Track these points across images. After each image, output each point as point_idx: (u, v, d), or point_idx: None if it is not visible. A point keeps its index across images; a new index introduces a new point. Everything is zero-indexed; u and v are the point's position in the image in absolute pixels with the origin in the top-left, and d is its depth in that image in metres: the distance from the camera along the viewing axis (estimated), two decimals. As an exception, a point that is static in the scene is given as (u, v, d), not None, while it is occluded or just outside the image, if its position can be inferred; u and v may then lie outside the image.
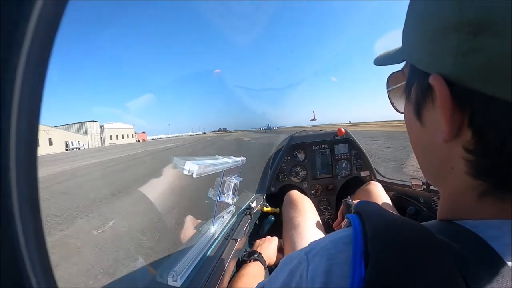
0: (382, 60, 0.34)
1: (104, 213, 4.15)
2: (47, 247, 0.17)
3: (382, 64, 0.34)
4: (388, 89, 0.35)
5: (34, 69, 0.15)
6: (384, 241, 0.21)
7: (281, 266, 0.29)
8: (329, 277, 0.22)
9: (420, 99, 0.25)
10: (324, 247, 0.25)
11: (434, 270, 0.18)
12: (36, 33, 0.15)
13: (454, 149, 0.22)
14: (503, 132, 0.18)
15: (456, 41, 0.19)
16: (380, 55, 0.36)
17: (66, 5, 0.17)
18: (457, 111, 0.20)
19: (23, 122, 0.15)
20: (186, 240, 0.77)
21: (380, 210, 0.25)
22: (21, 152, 0.15)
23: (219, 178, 0.90)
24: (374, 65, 0.36)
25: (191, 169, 0.56)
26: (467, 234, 0.21)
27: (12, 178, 0.15)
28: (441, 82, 0.20)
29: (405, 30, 0.26)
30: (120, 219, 3.75)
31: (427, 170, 0.28)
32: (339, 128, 1.39)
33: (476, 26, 0.18)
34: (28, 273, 0.16)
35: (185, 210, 3.01)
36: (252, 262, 0.82)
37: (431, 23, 0.21)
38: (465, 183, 0.22)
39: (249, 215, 1.08)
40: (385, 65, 0.33)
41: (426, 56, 0.23)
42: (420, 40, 0.23)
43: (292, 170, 1.39)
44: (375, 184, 1.24)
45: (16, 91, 0.14)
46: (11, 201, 0.15)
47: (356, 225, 0.23)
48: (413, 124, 0.27)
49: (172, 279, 0.55)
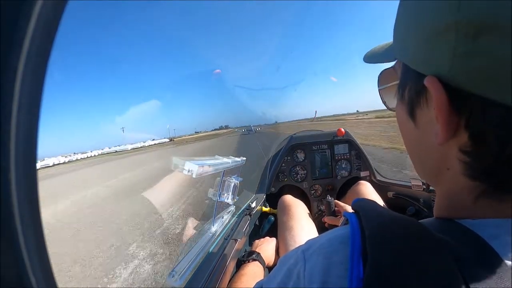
0: (372, 58, 0.33)
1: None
2: (46, 247, 0.17)
3: (372, 62, 0.33)
4: (380, 88, 0.34)
5: (33, 69, 0.15)
6: (382, 239, 0.21)
7: (279, 265, 0.29)
8: (327, 276, 0.22)
9: (414, 100, 0.24)
10: (321, 245, 0.24)
11: (434, 268, 0.18)
12: (36, 33, 0.15)
13: (450, 150, 0.22)
14: (500, 134, 0.18)
15: (454, 42, 0.18)
16: (369, 51, 0.34)
17: (66, 5, 0.17)
18: (453, 113, 0.20)
19: (23, 122, 0.15)
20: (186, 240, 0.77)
21: (378, 207, 0.25)
22: (21, 152, 0.15)
23: (219, 178, 0.90)
24: (364, 62, 0.35)
25: (190, 169, 0.56)
26: (466, 233, 0.21)
27: (12, 178, 0.15)
28: (437, 85, 0.20)
29: (397, 26, 0.25)
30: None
31: (422, 170, 0.28)
32: (339, 128, 1.39)
33: (476, 27, 0.17)
34: (28, 273, 0.16)
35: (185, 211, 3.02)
36: (251, 262, 0.82)
37: (426, 21, 0.20)
38: (462, 184, 0.22)
39: (249, 215, 1.08)
40: (376, 63, 0.32)
41: (420, 56, 0.22)
42: (413, 38, 0.22)
43: (292, 170, 1.39)
44: (365, 184, 1.25)
45: (16, 91, 0.15)
46: (11, 201, 0.15)
47: (354, 223, 0.23)
48: (406, 124, 0.26)
49: (172, 279, 0.55)
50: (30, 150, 0.16)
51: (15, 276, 0.15)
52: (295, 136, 1.46)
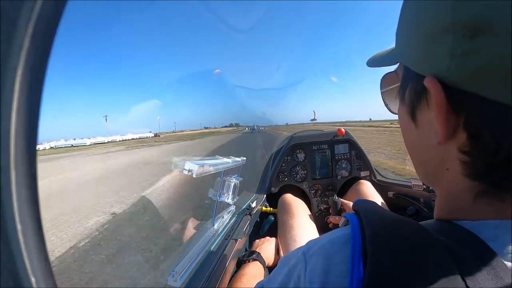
0: (375, 62, 0.34)
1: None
2: (46, 247, 0.17)
3: (375, 65, 0.34)
4: (382, 90, 0.34)
5: (33, 69, 0.15)
6: (382, 240, 0.21)
7: (280, 266, 0.29)
8: (327, 277, 0.22)
9: (414, 101, 0.24)
10: (322, 246, 0.25)
11: (433, 269, 0.18)
12: (36, 33, 0.15)
13: (449, 150, 0.22)
14: (499, 133, 0.18)
15: (451, 42, 0.19)
16: (373, 56, 0.35)
17: (65, 5, 0.17)
18: (452, 113, 0.20)
19: (23, 122, 0.15)
20: (186, 240, 0.78)
21: (378, 208, 0.25)
22: (20, 152, 0.15)
23: (219, 178, 0.90)
24: (368, 67, 0.36)
25: (190, 169, 0.57)
26: (465, 234, 0.21)
27: (12, 178, 0.15)
28: (436, 85, 0.20)
29: (399, 30, 0.26)
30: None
31: (422, 171, 0.28)
32: (339, 128, 1.39)
33: (471, 28, 0.17)
34: (28, 273, 0.16)
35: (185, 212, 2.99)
36: (251, 262, 0.82)
37: (425, 24, 0.21)
38: (461, 183, 0.22)
39: (249, 215, 1.08)
40: (378, 67, 0.33)
41: (420, 57, 0.22)
42: (414, 41, 0.23)
43: (292, 170, 1.39)
44: (365, 183, 1.25)
45: (16, 91, 0.15)
46: (11, 201, 0.15)
47: (354, 224, 0.23)
48: (408, 126, 0.27)
49: (172, 278, 0.55)
50: (30, 150, 0.16)
51: (15, 276, 0.15)
52: (295, 136, 1.46)
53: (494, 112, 0.18)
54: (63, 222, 3.97)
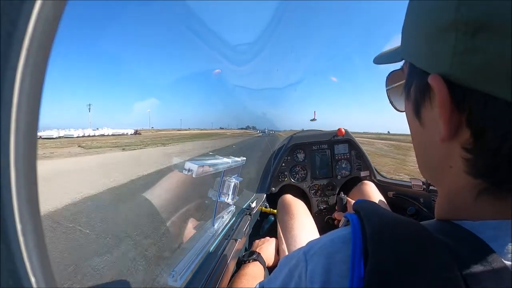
0: (381, 59, 0.34)
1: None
2: (46, 247, 0.17)
3: (381, 62, 0.34)
4: (387, 88, 0.35)
5: (33, 69, 0.15)
6: (382, 240, 0.21)
7: (280, 266, 0.29)
8: (328, 276, 0.22)
9: (418, 98, 0.25)
10: (323, 246, 0.25)
11: (433, 269, 0.19)
12: (36, 33, 0.15)
13: (453, 148, 0.22)
14: (502, 131, 0.18)
15: (454, 40, 0.19)
16: (379, 54, 0.36)
17: (65, 5, 0.17)
18: (456, 110, 0.20)
19: (23, 122, 0.15)
20: (186, 240, 0.78)
21: (379, 208, 0.25)
22: (20, 151, 0.15)
23: (219, 178, 0.90)
24: (374, 63, 0.36)
25: (190, 169, 0.57)
26: (466, 234, 0.21)
27: (12, 177, 0.15)
28: (439, 82, 0.20)
29: (404, 29, 0.27)
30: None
31: (425, 169, 0.28)
32: (339, 128, 1.39)
33: (473, 26, 0.18)
34: (28, 273, 0.16)
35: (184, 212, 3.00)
36: (251, 262, 0.82)
37: (429, 22, 0.21)
38: (464, 182, 0.22)
39: (249, 215, 1.08)
40: (384, 64, 0.33)
41: (424, 55, 0.23)
42: (418, 39, 0.23)
43: (292, 170, 1.39)
44: (368, 184, 1.25)
45: (16, 91, 0.15)
46: (11, 201, 0.15)
47: (355, 224, 0.23)
48: (413, 123, 0.27)
49: (172, 279, 0.55)
50: (30, 149, 0.16)
51: (15, 276, 0.15)
52: (295, 136, 1.46)
53: (497, 110, 0.18)
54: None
